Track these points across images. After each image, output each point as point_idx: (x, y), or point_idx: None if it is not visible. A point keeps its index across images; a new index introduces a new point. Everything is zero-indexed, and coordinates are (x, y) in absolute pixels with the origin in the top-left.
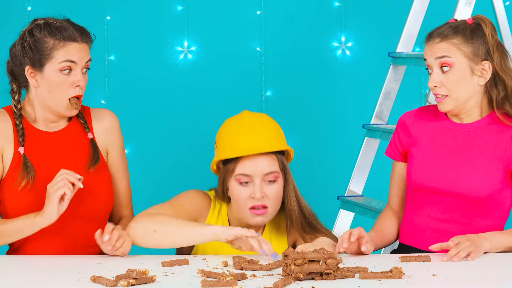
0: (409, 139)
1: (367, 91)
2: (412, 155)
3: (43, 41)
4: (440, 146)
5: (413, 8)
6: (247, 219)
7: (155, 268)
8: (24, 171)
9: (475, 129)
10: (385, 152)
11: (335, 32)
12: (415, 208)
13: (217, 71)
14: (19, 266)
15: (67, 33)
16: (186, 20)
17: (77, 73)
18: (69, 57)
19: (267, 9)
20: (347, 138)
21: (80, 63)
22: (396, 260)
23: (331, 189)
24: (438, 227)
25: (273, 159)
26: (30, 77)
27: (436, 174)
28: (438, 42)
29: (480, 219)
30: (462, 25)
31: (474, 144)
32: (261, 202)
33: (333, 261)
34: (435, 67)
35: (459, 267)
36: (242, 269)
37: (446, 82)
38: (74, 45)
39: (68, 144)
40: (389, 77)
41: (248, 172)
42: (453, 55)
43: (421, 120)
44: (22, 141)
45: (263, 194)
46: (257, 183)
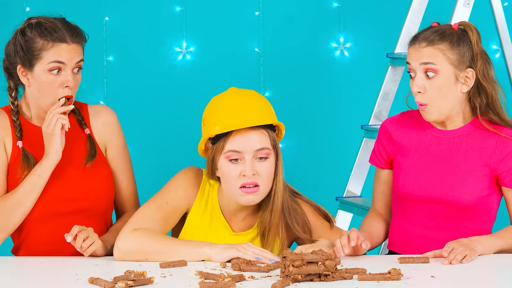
0: (393, 147)
1: (366, 92)
2: (398, 164)
3: (33, 41)
4: (425, 154)
5: (412, 9)
6: (238, 198)
7: (153, 269)
8: (24, 163)
9: (459, 135)
10: (369, 160)
11: (333, 33)
12: (402, 216)
13: (216, 72)
14: (17, 268)
15: (56, 34)
16: (184, 20)
17: (67, 74)
18: (58, 58)
19: (266, 10)
20: (346, 139)
21: (70, 64)
22: (394, 261)
23: (329, 190)
24: (427, 234)
25: (264, 135)
26: (21, 76)
27: (422, 183)
28: (424, 46)
29: (468, 224)
30: (449, 31)
31: (459, 151)
32: (252, 180)
33: (332, 262)
34: (419, 71)
35: (457, 269)
36: (240, 271)
37: (429, 88)
38: (63, 46)
39: (65, 140)
40: (387, 78)
41: (238, 148)
42: (438, 62)
43: (404, 127)
44: (20, 136)
45: (254, 171)
46: (248, 160)
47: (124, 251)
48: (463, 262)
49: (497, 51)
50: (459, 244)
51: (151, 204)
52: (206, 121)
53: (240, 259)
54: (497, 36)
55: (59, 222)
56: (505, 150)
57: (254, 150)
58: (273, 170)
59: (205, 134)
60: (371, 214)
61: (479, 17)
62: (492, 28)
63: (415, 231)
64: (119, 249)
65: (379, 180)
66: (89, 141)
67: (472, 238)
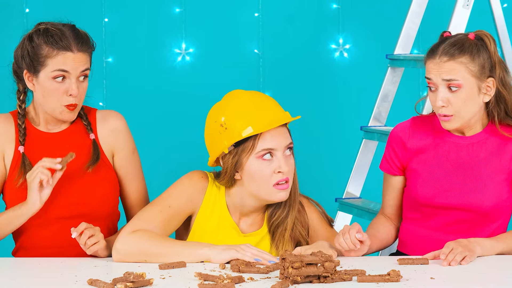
0: (407, 154)
1: (365, 93)
2: (414, 171)
3: (39, 48)
4: (445, 161)
5: (411, 10)
6: (271, 196)
7: (152, 271)
8: (22, 169)
9: (478, 141)
10: (381, 167)
11: (333, 34)
12: (419, 220)
13: (215, 73)
14: (16, 269)
15: (62, 43)
16: (184, 22)
17: (71, 82)
18: (62, 66)
19: (265, 11)
20: (345, 140)
21: (74, 72)
22: (393, 262)
23: (329, 191)
24: (444, 238)
25: (286, 130)
26: (28, 81)
27: (443, 190)
28: (446, 61)
29: (486, 228)
30: (467, 42)
31: (479, 157)
32: (286, 176)
33: (331, 264)
34: (441, 86)
35: (456, 270)
36: (239, 272)
37: (453, 101)
38: (68, 54)
39: (69, 145)
40: (387, 79)
41: (272, 145)
42: (461, 77)
43: (418, 133)
44: (22, 140)
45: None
46: (280, 157)
47: (122, 252)
48: (462, 263)
49: None
50: (459, 244)
51: (153, 206)
52: (229, 125)
53: (240, 260)
54: (496, 37)
55: (61, 226)
56: None
57: (284, 145)
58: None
59: (229, 139)
60: (379, 217)
61: (478, 18)
62: (492, 29)
63: (431, 235)
64: (117, 250)
65: (391, 187)
66: (93, 147)
67: (472, 240)
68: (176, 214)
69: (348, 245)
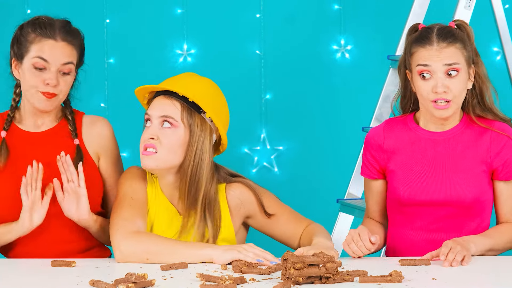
0: (384, 156)
1: (367, 94)
2: (393, 172)
3: (26, 35)
4: (421, 158)
5: (413, 11)
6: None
7: (154, 271)
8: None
9: (453, 135)
10: (361, 173)
11: (334, 35)
12: (404, 222)
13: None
14: (18, 270)
15: (46, 30)
16: (185, 23)
17: (50, 72)
18: (41, 53)
19: (267, 12)
20: (347, 141)
21: (54, 63)
22: (395, 263)
23: (330, 192)
24: (430, 237)
25: (174, 106)
26: (14, 69)
27: (424, 186)
28: (446, 46)
29: (470, 222)
30: (455, 31)
31: (456, 151)
32: (149, 143)
33: (333, 265)
34: (439, 72)
35: (458, 271)
36: (241, 273)
37: (452, 87)
38: (49, 42)
39: (53, 144)
40: (388, 80)
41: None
42: (460, 61)
43: (393, 134)
44: (7, 127)
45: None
46: (155, 124)
47: (126, 253)
48: (463, 264)
49: (498, 53)
50: (456, 243)
51: (121, 205)
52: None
53: (241, 261)
54: (498, 38)
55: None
56: (499, 144)
57: (159, 115)
58: (173, 142)
59: None
60: (366, 220)
61: (480, 19)
62: (493, 30)
63: (418, 235)
64: (121, 251)
65: (372, 191)
66: (77, 152)
67: (466, 238)
68: (142, 202)
69: (363, 252)
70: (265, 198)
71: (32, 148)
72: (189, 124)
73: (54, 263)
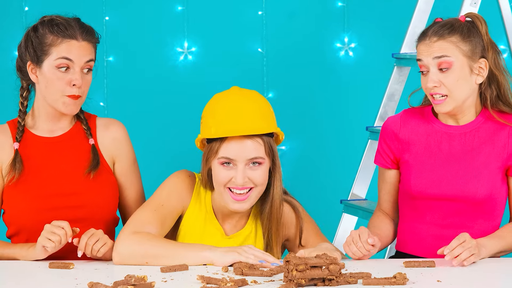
0: (399, 145)
1: (371, 93)
2: (407, 163)
3: (43, 37)
4: (437, 151)
5: (418, 8)
6: (226, 203)
7: (154, 274)
8: (13, 165)
9: (470, 130)
10: (374, 161)
11: (338, 33)
12: (414, 216)
13: (218, 73)
14: (16, 272)
15: (67, 31)
16: (186, 20)
17: (75, 72)
18: (66, 54)
19: (269, 9)
20: (350, 141)
21: (78, 62)
22: (400, 265)
23: (334, 193)
24: (441, 233)
25: (259, 144)
26: (31, 73)
27: (436, 180)
28: (435, 41)
29: (481, 220)
30: (457, 23)
31: (472, 146)
32: (242, 186)
33: (336, 266)
34: (432, 67)
35: (464, 273)
36: (242, 275)
37: (445, 81)
38: (72, 42)
39: (68, 149)
40: (393, 78)
41: (232, 156)
42: (452, 54)
43: (409, 124)
44: (19, 137)
45: (245, 179)
46: (240, 169)
47: (124, 255)
48: (464, 263)
49: (504, 51)
50: (472, 240)
51: (146, 207)
52: (203, 120)
53: (243, 263)
54: (504, 35)
55: None
56: None
57: (247, 159)
58: (266, 177)
59: (201, 133)
60: (377, 214)
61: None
62: (500, 28)
63: (428, 230)
64: (118, 252)
65: (385, 181)
66: (93, 152)
67: (479, 241)
68: (170, 212)
69: (363, 253)
70: (305, 226)
71: (48, 154)
72: (272, 154)
73: (52, 265)
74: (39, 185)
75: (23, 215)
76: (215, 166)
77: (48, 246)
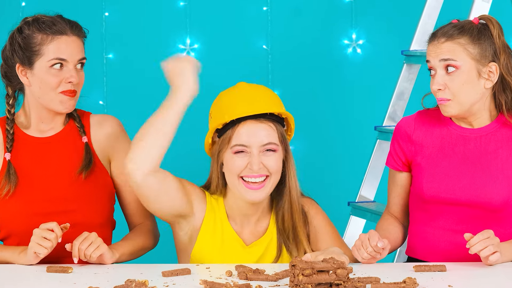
0: (412, 147)
1: (379, 91)
2: (420, 166)
3: (31, 37)
4: (451, 154)
5: (428, 4)
6: (243, 195)
7: (155, 278)
8: (6, 178)
9: (486, 134)
10: (386, 163)
11: (345, 29)
12: (426, 220)
13: (222, 70)
14: (14, 276)
15: (55, 27)
16: (188, 16)
17: (69, 69)
18: (59, 53)
19: (274, 5)
20: (358, 141)
21: (72, 59)
22: (409, 270)
23: (341, 195)
24: (453, 239)
25: (272, 129)
26: (21, 75)
27: (450, 184)
28: (443, 42)
29: (497, 227)
30: (468, 25)
31: (487, 150)
32: (259, 173)
33: (344, 271)
34: (439, 68)
35: (475, 277)
36: (247, 279)
37: (450, 85)
38: (63, 38)
39: (61, 149)
40: (402, 76)
41: (245, 142)
42: (459, 57)
43: (423, 126)
44: (10, 147)
45: (260, 165)
46: (255, 154)
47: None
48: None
49: None
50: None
51: None
52: (213, 114)
53: (247, 267)
54: None
55: None
56: None
57: (261, 144)
58: (280, 164)
59: (212, 127)
60: (385, 217)
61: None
62: None
63: (440, 235)
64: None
65: (396, 184)
66: (86, 150)
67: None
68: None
69: (373, 257)
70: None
71: (40, 156)
72: (285, 143)
73: (50, 269)
74: (31, 190)
75: (14, 220)
76: (229, 157)
77: (41, 252)
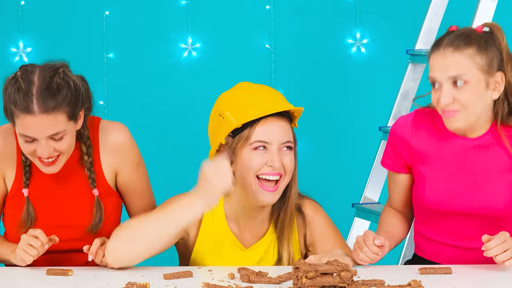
0: (411, 154)
1: (384, 91)
2: (420, 173)
3: (8, 101)
4: (451, 164)
5: (433, 3)
6: (257, 197)
7: (157, 281)
8: (25, 216)
9: (484, 143)
10: (383, 164)
11: (349, 28)
12: (429, 224)
13: (223, 70)
14: (14, 279)
15: (22, 102)
16: (190, 15)
17: (40, 144)
18: (24, 131)
19: (277, 4)
20: (363, 141)
21: (41, 136)
22: (414, 272)
23: (345, 196)
24: (458, 243)
25: (289, 126)
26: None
27: (451, 195)
28: (452, 52)
29: None
30: (474, 34)
31: (485, 159)
32: (277, 171)
33: (348, 273)
34: (446, 83)
35: (482, 281)
36: (249, 282)
37: (459, 97)
38: (27, 118)
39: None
40: (407, 76)
41: (266, 138)
42: (468, 71)
43: (421, 131)
44: (27, 180)
45: (280, 163)
46: (275, 151)
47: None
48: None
49: None
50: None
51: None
52: (230, 113)
53: (249, 270)
54: None
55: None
56: None
57: (281, 142)
58: (294, 164)
59: (226, 128)
60: (387, 210)
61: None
62: None
63: (445, 240)
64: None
65: (396, 184)
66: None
67: None
68: None
69: (372, 258)
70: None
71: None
72: (295, 142)
73: (50, 272)
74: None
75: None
76: (247, 153)
77: (26, 259)
